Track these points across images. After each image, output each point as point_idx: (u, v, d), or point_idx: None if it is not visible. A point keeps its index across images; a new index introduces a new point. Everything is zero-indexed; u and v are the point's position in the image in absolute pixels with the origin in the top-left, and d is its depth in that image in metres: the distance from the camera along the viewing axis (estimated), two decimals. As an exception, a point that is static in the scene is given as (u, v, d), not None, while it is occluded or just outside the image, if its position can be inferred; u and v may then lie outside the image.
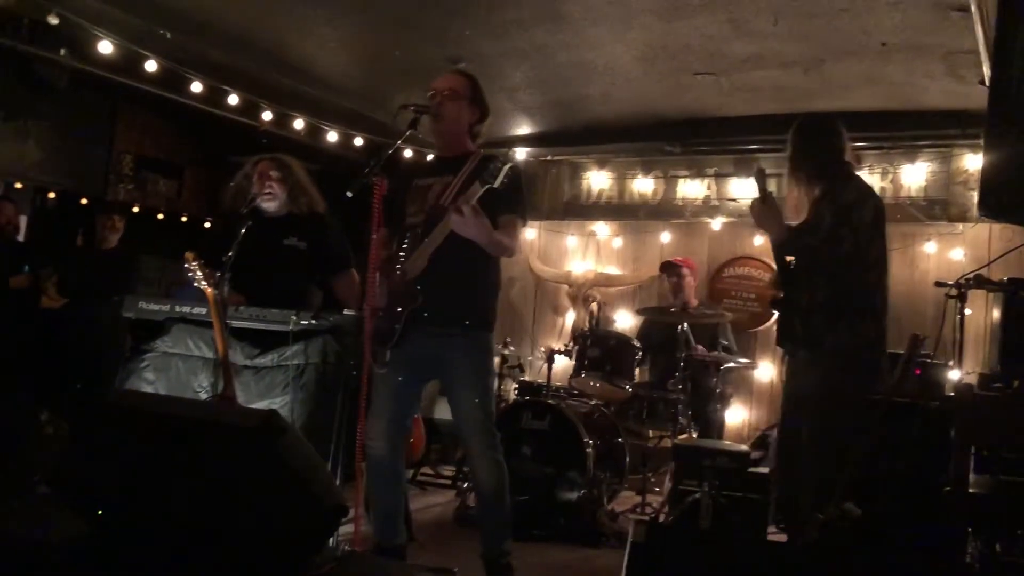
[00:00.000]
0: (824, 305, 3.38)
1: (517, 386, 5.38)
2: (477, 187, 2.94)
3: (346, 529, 3.16)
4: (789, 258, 3.65)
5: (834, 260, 3.32)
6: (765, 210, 3.50)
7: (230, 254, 3.57)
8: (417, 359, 3.17)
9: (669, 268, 5.77)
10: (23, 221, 6.68)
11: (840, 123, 3.66)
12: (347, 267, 4.05)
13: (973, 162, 5.65)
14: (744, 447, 4.52)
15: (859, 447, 3.19)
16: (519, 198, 3.16)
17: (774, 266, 3.73)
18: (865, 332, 3.35)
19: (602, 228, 7.06)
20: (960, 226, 5.77)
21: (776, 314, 3.75)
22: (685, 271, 5.72)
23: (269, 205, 3.93)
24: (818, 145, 3.55)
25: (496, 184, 2.93)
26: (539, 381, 5.27)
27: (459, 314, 3.13)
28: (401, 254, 3.19)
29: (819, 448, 3.36)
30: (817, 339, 3.40)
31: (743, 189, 6.46)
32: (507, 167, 2.94)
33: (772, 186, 6.15)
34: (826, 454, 3.33)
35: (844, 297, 3.37)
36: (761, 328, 6.27)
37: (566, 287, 7.02)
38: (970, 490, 2.66)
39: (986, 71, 4.25)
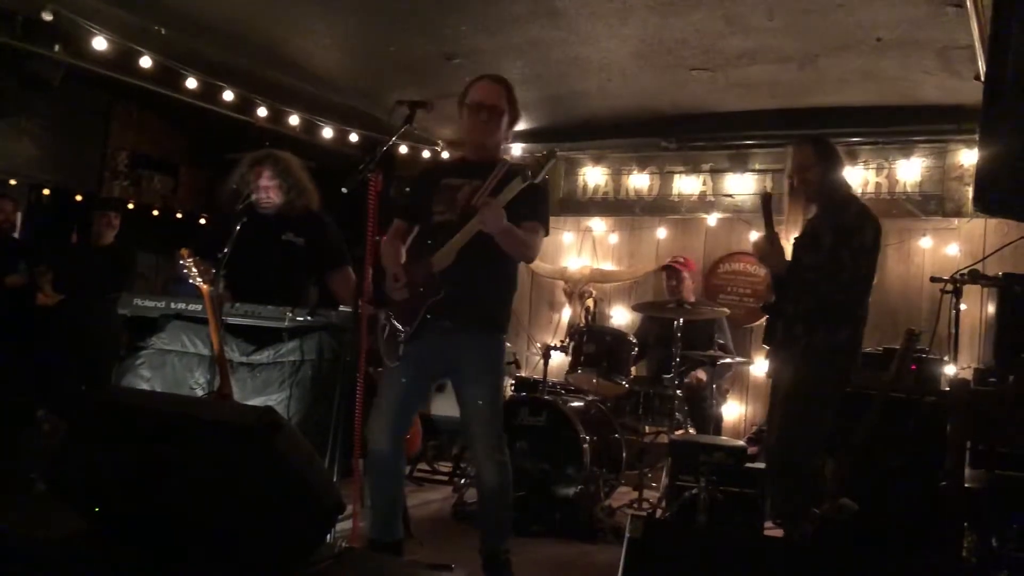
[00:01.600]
0: (808, 313, 3.43)
1: (513, 382, 5.38)
2: (518, 183, 2.93)
3: (344, 526, 3.16)
4: None
5: (833, 284, 3.38)
6: (770, 250, 3.58)
7: (226, 251, 3.57)
8: (429, 356, 3.16)
9: (670, 271, 5.80)
10: (18, 218, 6.67)
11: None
12: (343, 263, 4.04)
13: (968, 157, 5.65)
14: (740, 442, 4.53)
15: (856, 442, 3.21)
16: (544, 208, 3.19)
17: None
18: (841, 338, 3.40)
19: (598, 224, 7.06)
20: (955, 221, 5.77)
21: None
22: (685, 274, 5.75)
23: (266, 209, 3.92)
24: (831, 167, 3.59)
25: (538, 180, 2.92)
26: (535, 377, 5.26)
27: (476, 313, 3.13)
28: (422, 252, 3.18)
29: (784, 440, 3.40)
30: (795, 342, 3.45)
31: (739, 184, 6.47)
32: (550, 163, 2.92)
33: (768, 181, 6.29)
34: (789, 447, 3.37)
35: (828, 307, 3.41)
36: (757, 323, 6.27)
37: (562, 283, 7.03)
38: (966, 484, 2.68)
39: (981, 66, 4.25)
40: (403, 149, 6.55)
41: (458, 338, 3.13)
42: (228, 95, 5.86)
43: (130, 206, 7.40)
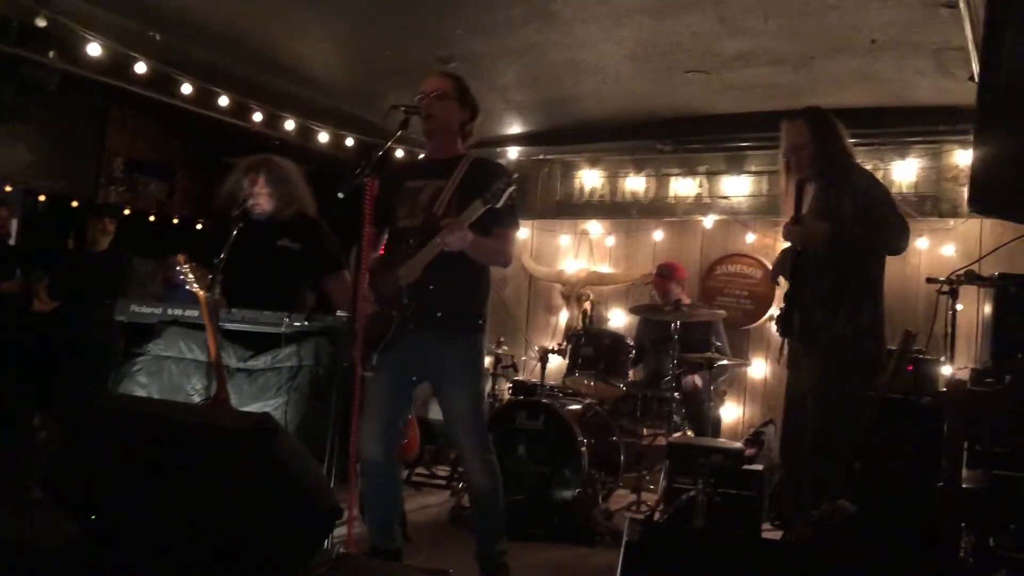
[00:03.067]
0: (827, 297, 3.41)
1: (511, 386, 5.38)
2: (478, 205, 2.94)
3: (341, 531, 3.15)
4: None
5: (890, 241, 3.36)
6: (802, 228, 3.49)
7: (222, 256, 3.56)
8: (408, 362, 3.17)
9: (656, 283, 5.79)
10: (13, 224, 6.66)
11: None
12: (339, 268, 4.04)
13: (963, 158, 5.66)
14: (738, 444, 4.52)
15: (853, 443, 3.21)
16: (514, 212, 3.20)
17: (768, 264, 3.74)
18: (864, 321, 3.38)
19: (595, 227, 7.07)
20: (951, 222, 5.78)
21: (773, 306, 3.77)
22: (671, 285, 5.69)
23: (259, 215, 3.92)
24: (829, 141, 3.56)
25: (499, 205, 2.94)
26: (533, 380, 5.27)
27: (451, 318, 3.14)
28: (393, 258, 3.19)
29: (822, 439, 3.38)
30: (814, 332, 3.43)
31: (735, 187, 6.48)
32: (510, 189, 2.94)
33: (764, 183, 6.30)
34: (828, 445, 3.35)
35: (848, 288, 3.39)
36: (754, 325, 6.27)
37: (559, 286, 7.02)
38: (963, 485, 2.68)
39: (975, 67, 4.26)
40: (399, 153, 6.54)
41: (434, 344, 3.13)
42: (224, 100, 5.85)
43: (126, 212, 7.39)
